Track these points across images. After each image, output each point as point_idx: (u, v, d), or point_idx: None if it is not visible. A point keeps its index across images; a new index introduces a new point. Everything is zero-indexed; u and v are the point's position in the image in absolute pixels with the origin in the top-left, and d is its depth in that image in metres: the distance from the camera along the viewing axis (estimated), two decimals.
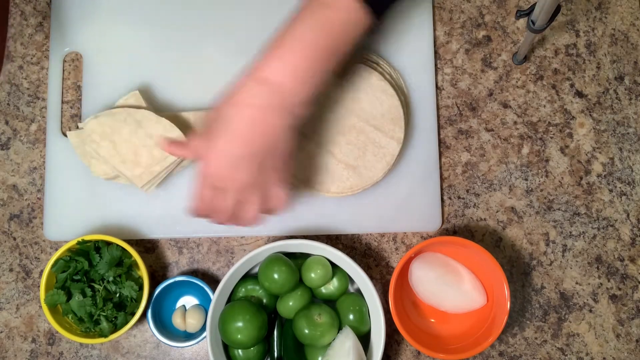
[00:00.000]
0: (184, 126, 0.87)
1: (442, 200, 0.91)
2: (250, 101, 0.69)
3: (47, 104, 0.91)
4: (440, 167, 0.92)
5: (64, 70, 0.92)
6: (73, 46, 0.92)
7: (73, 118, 0.91)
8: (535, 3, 0.79)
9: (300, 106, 0.71)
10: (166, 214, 0.89)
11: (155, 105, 0.91)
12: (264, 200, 0.74)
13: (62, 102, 0.91)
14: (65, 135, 0.90)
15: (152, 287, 0.85)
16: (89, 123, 0.85)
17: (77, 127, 0.89)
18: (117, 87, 0.90)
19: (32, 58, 0.93)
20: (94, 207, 0.89)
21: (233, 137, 0.69)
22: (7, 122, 0.92)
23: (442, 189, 0.92)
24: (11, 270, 0.89)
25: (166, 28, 0.92)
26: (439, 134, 0.92)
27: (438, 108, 0.93)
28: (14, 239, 0.90)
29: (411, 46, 0.93)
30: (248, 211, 0.74)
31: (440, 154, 0.92)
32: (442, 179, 0.92)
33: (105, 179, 0.87)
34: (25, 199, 0.90)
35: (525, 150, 0.93)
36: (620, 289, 0.90)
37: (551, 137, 0.93)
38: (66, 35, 0.92)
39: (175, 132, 0.84)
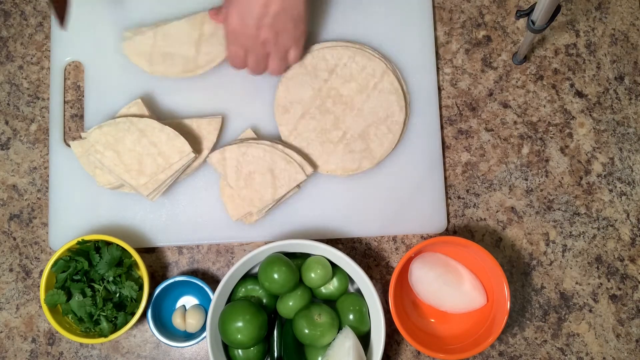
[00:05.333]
0: (187, 133, 0.87)
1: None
2: None
3: (49, 114, 0.90)
4: None
5: (65, 80, 0.92)
6: (74, 55, 0.92)
7: (73, 118, 0.91)
8: (535, 3, 0.79)
9: None
10: (172, 221, 0.89)
11: (158, 113, 0.90)
12: (283, 56, 0.85)
13: (64, 112, 0.91)
14: (68, 145, 0.90)
15: (152, 287, 0.85)
16: (93, 133, 0.85)
17: (80, 137, 0.89)
18: (119, 95, 0.90)
19: (32, 58, 0.93)
20: (99, 216, 0.88)
21: (252, 1, 0.79)
22: (7, 122, 0.92)
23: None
24: (11, 270, 0.89)
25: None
26: (442, 135, 0.92)
27: (440, 108, 0.93)
28: (14, 239, 0.90)
29: (413, 46, 0.93)
30: (271, 64, 0.85)
31: None
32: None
33: (109, 188, 0.87)
34: (25, 199, 0.90)
35: (525, 150, 0.93)
36: (620, 289, 0.90)
37: (551, 137, 0.93)
38: (67, 45, 0.92)
39: (179, 140, 0.84)
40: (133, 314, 0.82)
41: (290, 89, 0.89)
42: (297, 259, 0.85)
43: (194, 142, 0.87)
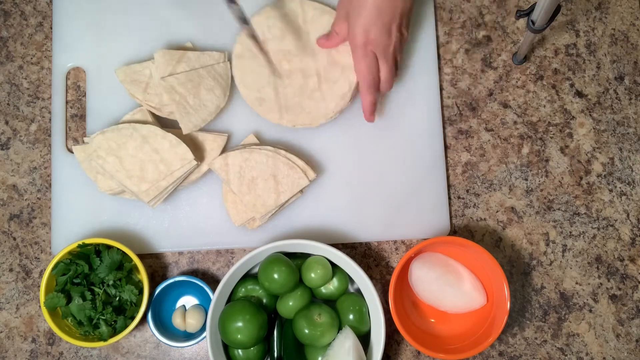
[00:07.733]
0: (190, 142, 0.87)
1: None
2: None
3: (52, 119, 0.90)
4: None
5: (67, 87, 0.92)
6: (76, 62, 0.92)
7: (73, 118, 0.91)
8: (535, 3, 0.79)
9: None
10: (174, 227, 0.88)
11: (162, 121, 0.90)
12: (394, 64, 0.85)
13: (66, 118, 0.91)
14: (70, 151, 0.90)
15: (152, 287, 0.85)
16: (95, 138, 0.85)
17: (82, 140, 0.89)
18: (121, 102, 0.90)
19: (32, 58, 0.93)
20: (102, 222, 0.88)
21: (372, 8, 0.80)
22: (7, 122, 0.92)
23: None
24: (11, 270, 0.89)
25: (169, 43, 0.92)
26: (445, 139, 0.92)
27: (443, 109, 0.93)
28: (14, 239, 0.90)
29: (414, 47, 0.93)
30: (391, 72, 0.85)
31: None
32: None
33: (111, 194, 0.87)
34: (25, 199, 0.90)
35: (525, 150, 0.93)
36: (620, 289, 0.90)
37: (551, 137, 0.93)
38: (69, 51, 0.91)
39: (182, 147, 0.84)
40: (132, 317, 0.82)
41: (249, 83, 0.88)
42: (297, 259, 0.85)
43: (197, 151, 0.87)
